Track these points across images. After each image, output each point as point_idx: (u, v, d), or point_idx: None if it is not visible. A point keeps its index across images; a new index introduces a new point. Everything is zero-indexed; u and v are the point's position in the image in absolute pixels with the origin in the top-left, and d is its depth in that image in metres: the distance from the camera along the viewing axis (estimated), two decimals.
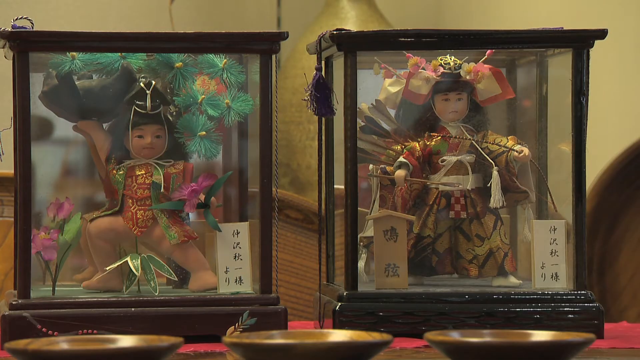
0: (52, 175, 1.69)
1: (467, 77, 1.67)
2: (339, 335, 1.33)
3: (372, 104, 1.70)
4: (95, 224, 1.61)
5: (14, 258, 1.59)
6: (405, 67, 1.68)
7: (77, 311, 1.55)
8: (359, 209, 1.63)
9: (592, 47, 1.63)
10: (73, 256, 1.65)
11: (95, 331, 1.50)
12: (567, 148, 1.64)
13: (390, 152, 1.69)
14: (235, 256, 1.61)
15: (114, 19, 2.49)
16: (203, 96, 1.60)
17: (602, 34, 1.60)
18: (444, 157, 1.66)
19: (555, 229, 1.65)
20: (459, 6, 2.70)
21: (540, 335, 1.30)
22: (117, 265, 1.62)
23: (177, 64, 1.60)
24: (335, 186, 1.72)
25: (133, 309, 1.56)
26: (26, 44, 1.55)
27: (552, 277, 1.65)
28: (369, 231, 1.66)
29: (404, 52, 1.67)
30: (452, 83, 1.67)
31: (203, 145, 1.62)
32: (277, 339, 1.30)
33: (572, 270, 1.64)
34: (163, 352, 1.25)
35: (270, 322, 1.55)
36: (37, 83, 1.59)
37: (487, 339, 1.29)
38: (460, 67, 1.67)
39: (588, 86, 1.62)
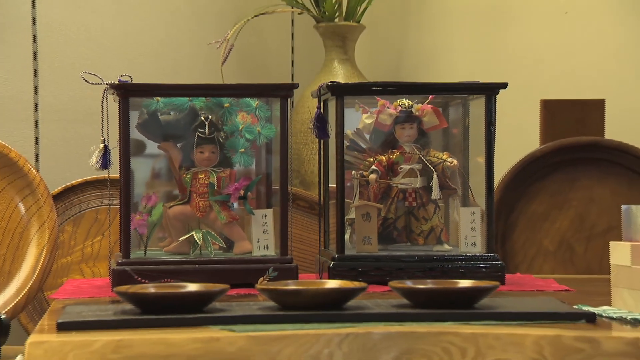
0: (143, 177, 1.71)
1: (416, 113, 1.69)
2: (332, 284, 1.41)
3: (354, 130, 1.72)
4: (172, 210, 1.64)
5: (119, 232, 1.59)
6: (375, 106, 1.70)
7: (160, 267, 1.59)
8: (345, 200, 1.63)
9: (497, 94, 1.64)
10: (157, 231, 1.66)
11: (172, 280, 1.50)
12: (481, 160, 1.65)
13: (366, 162, 1.71)
14: (264, 231, 1.63)
15: (183, 74, 2.48)
16: (242, 126, 1.63)
17: (504, 85, 1.62)
18: (402, 166, 1.69)
19: (474, 213, 1.67)
20: (411, 65, 2.68)
21: (464, 283, 1.37)
22: (186, 237, 1.61)
23: (225, 104, 1.64)
24: (330, 185, 1.72)
25: (197, 266, 1.60)
26: (127, 92, 1.58)
27: (472, 244, 1.67)
28: (352, 214, 1.66)
29: (375, 96, 1.67)
30: (407, 117, 1.69)
31: (242, 158, 1.65)
32: (291, 285, 1.35)
33: (484, 240, 1.67)
34: (216, 295, 1.31)
35: (287, 275, 1.57)
36: (134, 117, 1.61)
37: (430, 286, 1.33)
38: (412, 106, 1.70)
39: (495, 119, 1.63)
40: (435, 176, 1.73)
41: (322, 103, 1.74)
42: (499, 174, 1.82)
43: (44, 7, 2.38)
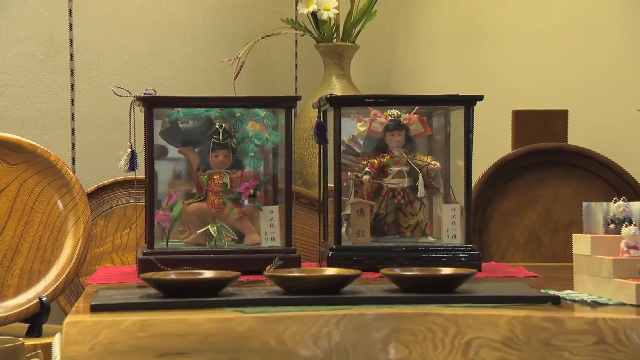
0: (166, 178, 1.70)
1: (404, 122, 1.68)
2: (330, 271, 1.41)
3: (349, 137, 1.71)
4: (191, 207, 1.64)
5: (144, 226, 1.58)
6: (368, 116, 1.69)
7: (180, 256, 1.58)
8: (342, 198, 1.63)
9: (475, 105, 1.63)
10: (178, 225, 1.65)
11: (190, 268, 1.49)
12: (461, 163, 1.64)
13: (360, 165, 1.70)
14: (271, 225, 1.63)
15: (200, 87, 2.47)
16: (252, 133, 1.63)
17: (480, 97, 1.61)
18: (391, 168, 1.68)
19: (454, 209, 1.67)
20: (399, 80, 2.67)
21: (446, 270, 1.37)
22: (203, 230, 1.61)
23: (237, 114, 1.64)
24: (328, 185, 1.71)
25: (212, 255, 1.59)
26: (152, 103, 1.58)
27: (452, 236, 1.66)
28: (348, 210, 1.66)
29: (368, 107, 1.66)
30: (396, 125, 1.69)
31: (252, 161, 1.64)
32: (294, 272, 1.35)
33: (463, 233, 1.66)
34: (229, 280, 1.33)
35: (291, 263, 1.56)
36: (157, 126, 1.60)
37: (416, 273, 1.34)
38: (400, 116, 1.69)
39: (472, 127, 1.62)
40: (420, 177, 1.72)
41: (321, 113, 1.74)
42: (476, 175, 1.81)
43: (80, 30, 2.37)
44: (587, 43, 2.34)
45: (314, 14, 2.44)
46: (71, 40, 2.38)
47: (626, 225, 1.32)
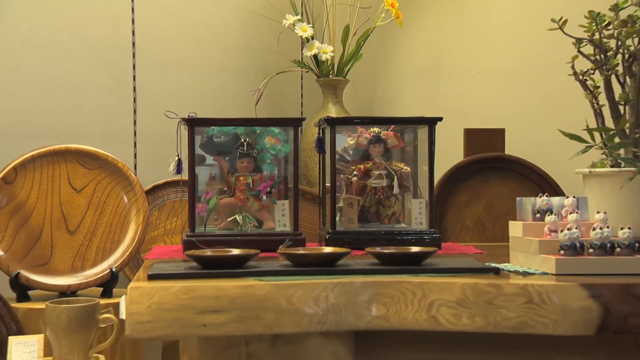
0: (204, 179, 1.68)
1: (383, 137, 1.66)
2: (328, 250, 1.37)
3: (342, 148, 1.69)
4: (222, 201, 1.62)
5: (188, 215, 1.56)
6: (356, 132, 1.67)
7: (214, 238, 1.56)
8: (336, 194, 1.61)
9: (436, 124, 1.62)
10: (213, 214, 1.64)
11: (222, 247, 1.48)
12: (425, 168, 1.63)
13: (350, 169, 1.68)
14: (282, 214, 1.61)
15: (230, 111, 2.46)
16: (269, 145, 1.61)
17: (440, 119, 1.60)
18: (374, 172, 1.67)
19: (421, 203, 1.64)
20: (380, 105, 2.66)
21: (414, 249, 1.35)
22: (232, 219, 1.60)
23: (257, 131, 1.62)
24: (326, 184, 1.70)
25: (238, 237, 1.57)
26: (193, 123, 1.57)
27: (419, 223, 1.65)
28: (341, 204, 1.65)
29: (356, 126, 1.65)
30: (377, 139, 1.67)
31: (268, 167, 1.62)
32: (301, 250, 1.32)
33: (427, 220, 1.64)
34: (251, 256, 1.32)
35: (298, 244, 1.54)
36: (198, 140, 1.58)
37: (392, 251, 1.31)
38: (380, 132, 1.68)
39: (434, 141, 1.61)
40: (395, 178, 1.71)
41: (321, 130, 1.71)
42: (437, 177, 1.81)
43: (141, 69, 2.36)
44: (520, 78, 2.34)
45: (315, 56, 2.43)
46: (134, 77, 2.36)
47: (548, 215, 1.32)
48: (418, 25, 2.55)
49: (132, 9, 2.35)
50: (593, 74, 1.69)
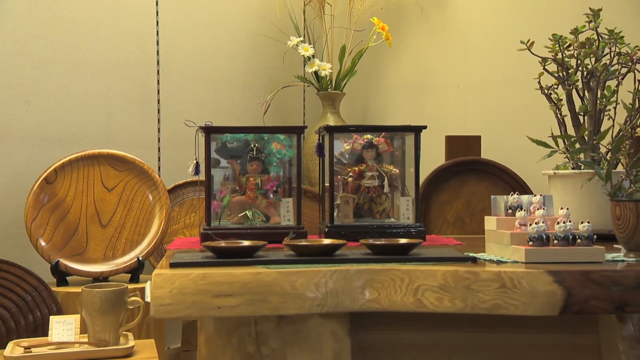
0: (218, 180, 1.67)
1: (375, 143, 1.65)
2: (327, 241, 1.39)
3: (339, 153, 1.68)
4: (234, 199, 1.62)
5: (204, 210, 1.56)
6: (352, 139, 1.66)
7: (228, 231, 1.55)
8: (334, 192, 1.61)
9: (421, 132, 1.62)
10: (226, 211, 1.64)
11: (234, 239, 1.48)
12: (412, 170, 1.63)
13: (347, 171, 1.67)
14: (287, 210, 1.60)
15: (241, 120, 2.46)
16: (275, 150, 1.60)
17: (424, 127, 1.60)
18: (367, 173, 1.65)
19: (408, 200, 1.63)
20: (372, 115, 2.66)
21: (403, 240, 1.33)
22: (243, 214, 1.59)
23: (265, 138, 1.61)
24: (325, 184, 1.70)
25: (248, 231, 1.55)
26: (209, 131, 1.56)
27: (407, 218, 1.64)
28: (338, 201, 1.64)
29: (351, 133, 1.65)
30: (370, 145, 1.65)
31: (275, 169, 1.61)
32: (303, 242, 1.31)
33: (414, 216, 1.63)
34: (259, 247, 1.31)
35: (300, 236, 1.53)
36: (213, 144, 1.57)
37: (383, 242, 1.29)
38: (372, 139, 1.66)
39: (420, 147, 1.61)
40: (386, 179, 1.70)
41: (320, 137, 1.70)
42: (422, 178, 1.80)
43: (164, 83, 2.35)
44: (494, 92, 2.34)
45: (315, 73, 2.42)
46: (158, 91, 2.36)
47: (519, 211, 1.32)
48: (405, 45, 2.55)
49: (157, 32, 2.35)
50: (557, 88, 1.71)
